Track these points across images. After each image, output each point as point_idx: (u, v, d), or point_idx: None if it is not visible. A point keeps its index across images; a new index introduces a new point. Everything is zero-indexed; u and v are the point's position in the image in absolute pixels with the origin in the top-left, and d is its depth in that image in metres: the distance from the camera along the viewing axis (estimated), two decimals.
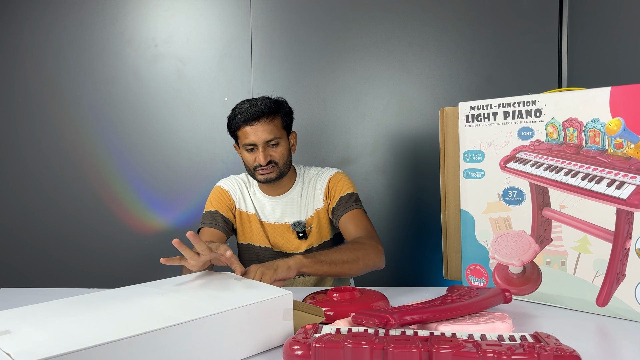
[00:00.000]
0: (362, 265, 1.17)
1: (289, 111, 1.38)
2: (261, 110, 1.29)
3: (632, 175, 0.90)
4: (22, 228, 1.97)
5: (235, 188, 1.43)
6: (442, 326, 0.79)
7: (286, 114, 1.37)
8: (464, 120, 1.13)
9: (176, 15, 1.92)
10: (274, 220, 1.41)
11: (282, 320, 0.78)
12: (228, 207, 1.40)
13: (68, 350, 0.56)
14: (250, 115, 1.29)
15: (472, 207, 1.13)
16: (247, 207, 1.42)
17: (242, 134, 1.33)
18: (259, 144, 1.31)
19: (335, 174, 1.43)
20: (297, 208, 1.41)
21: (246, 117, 1.30)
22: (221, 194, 1.42)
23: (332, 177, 1.42)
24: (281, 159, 1.34)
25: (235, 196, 1.42)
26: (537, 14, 1.83)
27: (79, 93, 1.94)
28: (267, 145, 1.32)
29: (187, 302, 0.75)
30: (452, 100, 1.85)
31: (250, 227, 1.42)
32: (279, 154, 1.33)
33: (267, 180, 1.34)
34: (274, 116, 1.32)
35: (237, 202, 1.42)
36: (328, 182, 1.41)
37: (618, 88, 0.91)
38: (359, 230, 1.31)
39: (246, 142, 1.32)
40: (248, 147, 1.32)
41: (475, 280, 1.13)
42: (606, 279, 0.94)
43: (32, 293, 1.17)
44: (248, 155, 1.34)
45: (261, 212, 1.42)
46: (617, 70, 1.58)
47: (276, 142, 1.32)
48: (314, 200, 1.41)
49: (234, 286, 0.85)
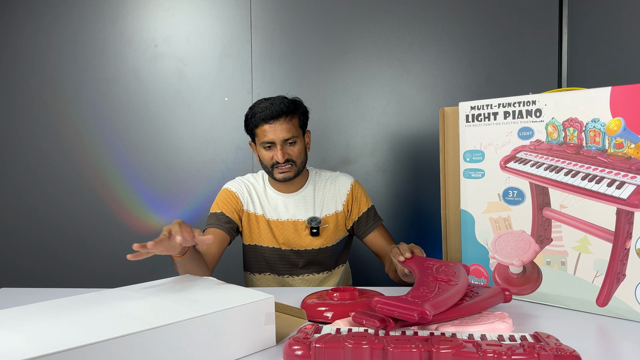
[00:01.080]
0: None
1: (305, 111, 1.41)
2: (280, 110, 1.32)
3: (632, 175, 0.90)
4: (22, 228, 1.97)
5: (242, 189, 1.43)
6: (442, 326, 0.79)
7: (303, 114, 1.39)
8: (464, 120, 1.13)
9: (176, 15, 1.92)
10: (287, 217, 1.42)
11: (263, 324, 0.78)
12: (235, 209, 1.40)
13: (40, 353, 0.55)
14: (270, 114, 1.31)
15: (472, 207, 1.13)
16: (255, 208, 1.42)
17: (260, 132, 1.34)
18: (277, 142, 1.32)
19: (355, 183, 1.47)
20: (312, 206, 1.42)
21: (265, 115, 1.31)
22: (228, 196, 1.42)
23: (353, 186, 1.45)
24: (298, 158, 1.36)
25: (242, 198, 1.42)
26: (537, 14, 1.83)
27: (79, 93, 1.94)
28: (285, 143, 1.34)
29: (166, 305, 0.74)
30: (452, 100, 1.85)
31: (258, 228, 1.42)
32: (296, 152, 1.35)
33: (286, 179, 1.36)
34: (292, 115, 1.35)
35: (245, 204, 1.42)
36: (351, 190, 1.45)
37: (618, 88, 0.91)
38: (390, 243, 1.42)
39: (265, 140, 1.33)
40: (266, 145, 1.34)
41: (475, 280, 1.13)
42: (606, 279, 0.94)
43: (32, 293, 1.17)
44: (265, 153, 1.35)
45: (273, 210, 1.42)
46: (617, 70, 1.58)
47: (294, 141, 1.35)
48: (334, 202, 1.44)
49: (215, 290, 0.84)
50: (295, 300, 1.04)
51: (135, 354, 0.63)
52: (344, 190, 1.44)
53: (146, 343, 0.64)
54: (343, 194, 1.44)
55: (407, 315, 0.73)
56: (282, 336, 0.82)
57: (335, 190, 1.44)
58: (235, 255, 1.62)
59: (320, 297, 0.99)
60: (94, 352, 0.59)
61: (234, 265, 1.67)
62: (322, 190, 1.45)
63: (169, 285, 0.89)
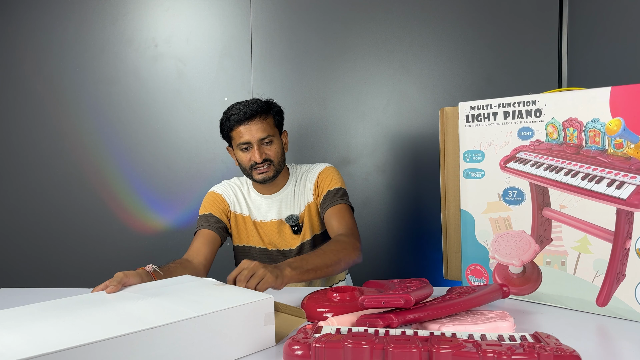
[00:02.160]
0: (344, 265, 1.21)
1: (280, 110, 1.42)
2: (254, 110, 1.33)
3: (632, 175, 0.90)
4: (22, 228, 1.97)
5: (229, 192, 1.44)
6: (444, 325, 0.79)
7: (277, 113, 1.40)
8: (464, 120, 1.13)
9: (176, 15, 1.92)
10: (271, 218, 1.42)
11: (263, 324, 0.77)
12: (222, 210, 1.41)
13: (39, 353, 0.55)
14: (244, 114, 1.32)
15: (472, 207, 1.13)
16: (242, 209, 1.43)
17: (236, 134, 1.35)
18: (253, 142, 1.33)
19: (325, 168, 1.45)
20: (291, 204, 1.43)
21: (240, 117, 1.33)
22: (215, 198, 1.43)
23: (321, 172, 1.44)
24: (276, 157, 1.36)
25: (229, 199, 1.43)
26: (537, 14, 1.83)
27: (79, 93, 1.94)
28: (262, 143, 1.34)
29: (165, 306, 0.74)
30: (452, 100, 1.85)
31: (246, 229, 1.43)
32: (273, 152, 1.36)
33: (265, 180, 1.36)
34: (267, 115, 1.36)
35: (232, 205, 1.43)
36: (318, 176, 1.44)
37: (618, 88, 0.91)
38: (340, 226, 1.33)
39: (241, 142, 1.34)
40: (243, 146, 1.35)
41: (475, 280, 1.13)
42: (606, 279, 0.94)
43: (32, 293, 1.17)
44: (243, 155, 1.36)
45: (257, 212, 1.43)
46: (617, 70, 1.58)
47: (270, 140, 1.35)
48: (304, 194, 1.44)
49: (214, 290, 0.84)
50: (295, 300, 1.04)
51: (135, 354, 0.63)
52: (313, 179, 1.44)
53: (145, 343, 0.64)
54: (311, 182, 1.43)
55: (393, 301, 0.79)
56: (281, 336, 0.82)
57: (308, 182, 1.44)
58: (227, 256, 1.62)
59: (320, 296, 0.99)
60: (93, 352, 0.59)
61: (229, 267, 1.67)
62: (299, 186, 1.45)
63: (168, 285, 0.89)
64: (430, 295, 0.88)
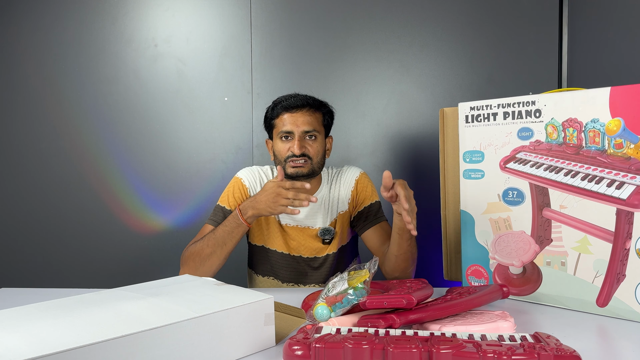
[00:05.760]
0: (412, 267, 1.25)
1: (331, 112, 1.37)
2: (305, 101, 1.28)
3: (632, 176, 0.90)
4: (22, 228, 1.97)
5: (256, 183, 1.35)
6: (444, 326, 0.79)
7: (328, 113, 1.35)
8: (464, 121, 1.13)
9: (176, 15, 1.92)
10: (297, 221, 1.35)
11: (263, 324, 0.77)
12: None
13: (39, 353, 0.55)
14: (294, 102, 1.28)
15: (472, 208, 1.13)
16: None
17: (279, 122, 1.29)
18: (296, 132, 1.27)
19: (361, 176, 1.39)
20: (324, 211, 1.36)
21: (289, 104, 1.28)
22: (240, 192, 1.33)
23: (359, 180, 1.38)
24: (315, 156, 1.29)
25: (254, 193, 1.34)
26: (537, 14, 1.83)
27: (79, 93, 1.94)
28: (305, 136, 1.28)
29: (165, 306, 0.74)
30: (452, 100, 1.85)
31: (268, 230, 1.35)
32: (314, 149, 1.29)
33: (298, 174, 1.28)
34: (316, 110, 1.31)
35: None
36: (355, 185, 1.37)
37: (618, 88, 0.91)
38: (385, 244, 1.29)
39: (283, 130, 1.27)
40: (284, 134, 1.28)
41: (475, 280, 1.13)
42: (606, 279, 0.94)
43: (32, 293, 1.17)
44: (281, 145, 1.29)
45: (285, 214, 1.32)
46: (617, 70, 1.58)
47: (314, 136, 1.29)
48: (338, 202, 1.36)
49: (214, 291, 0.84)
50: (296, 300, 1.04)
51: (135, 355, 0.63)
52: (349, 187, 1.37)
53: (146, 343, 0.64)
54: (347, 191, 1.37)
55: (396, 302, 0.80)
56: (281, 336, 0.82)
57: (343, 189, 1.37)
58: (237, 252, 1.61)
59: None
60: (93, 353, 0.59)
61: (236, 262, 1.66)
62: (336, 191, 1.38)
63: (168, 285, 0.89)
64: (430, 295, 0.88)
